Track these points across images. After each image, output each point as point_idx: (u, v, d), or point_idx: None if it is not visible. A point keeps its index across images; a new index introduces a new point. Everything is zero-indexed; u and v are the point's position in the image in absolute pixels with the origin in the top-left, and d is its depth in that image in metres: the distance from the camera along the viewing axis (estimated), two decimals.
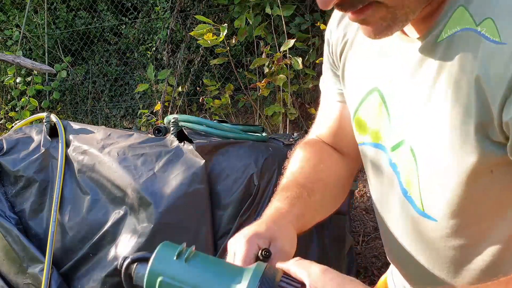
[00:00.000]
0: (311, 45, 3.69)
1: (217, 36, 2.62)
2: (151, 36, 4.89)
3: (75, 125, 1.91)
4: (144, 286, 0.54)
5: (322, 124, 0.99)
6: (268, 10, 3.42)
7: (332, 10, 0.73)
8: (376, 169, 0.81)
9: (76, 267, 1.69)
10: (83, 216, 1.70)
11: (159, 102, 3.76)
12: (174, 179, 1.58)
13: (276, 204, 0.79)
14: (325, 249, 1.82)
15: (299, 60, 2.79)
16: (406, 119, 0.72)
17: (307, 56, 3.57)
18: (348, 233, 2.09)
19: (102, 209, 1.69)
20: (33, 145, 1.89)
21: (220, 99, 3.46)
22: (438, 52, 0.67)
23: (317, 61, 3.20)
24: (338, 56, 0.87)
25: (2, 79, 4.75)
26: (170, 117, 1.80)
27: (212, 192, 1.59)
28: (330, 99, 0.95)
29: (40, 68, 3.74)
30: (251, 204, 1.57)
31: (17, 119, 3.99)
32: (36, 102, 4.20)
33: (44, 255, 1.68)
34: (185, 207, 1.56)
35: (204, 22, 2.65)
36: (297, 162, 0.91)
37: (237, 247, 0.67)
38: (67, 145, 1.83)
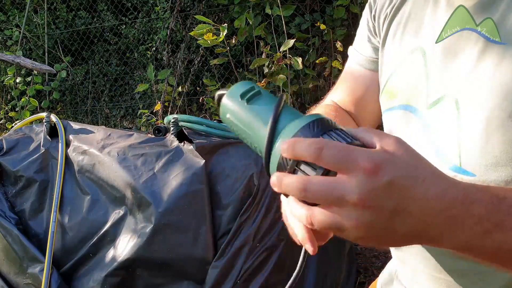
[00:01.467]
0: (311, 45, 3.69)
1: (217, 36, 2.62)
2: (151, 36, 4.90)
3: (75, 125, 1.91)
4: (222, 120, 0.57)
5: (344, 90, 0.94)
6: (268, 10, 3.42)
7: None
8: (401, 133, 0.77)
9: (76, 267, 1.69)
10: (83, 216, 1.70)
11: (159, 102, 3.76)
12: (174, 179, 1.58)
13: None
14: (325, 249, 1.82)
15: (299, 60, 2.79)
16: (450, 75, 0.70)
17: (307, 56, 3.57)
18: None
19: (102, 209, 1.69)
20: (33, 145, 1.89)
21: None
22: (496, 8, 0.66)
23: (317, 61, 3.21)
24: (382, 21, 0.84)
25: (2, 79, 4.75)
26: (170, 117, 1.80)
27: (212, 192, 1.59)
28: (358, 66, 0.91)
29: (40, 68, 3.74)
30: (251, 204, 1.57)
31: (17, 119, 3.99)
32: (36, 102, 4.20)
33: (44, 255, 1.68)
34: (185, 207, 1.56)
35: (204, 22, 2.65)
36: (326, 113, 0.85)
37: None
38: (67, 145, 1.83)
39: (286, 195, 0.50)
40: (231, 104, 0.55)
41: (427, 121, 0.72)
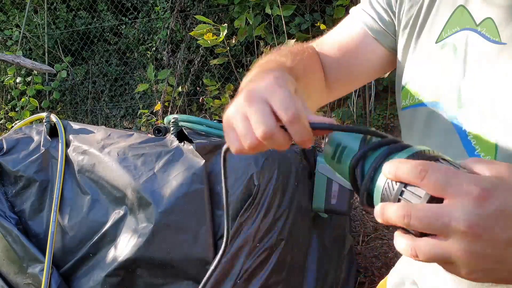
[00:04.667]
0: None
1: (217, 36, 2.62)
2: (151, 36, 4.90)
3: (75, 125, 1.91)
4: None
5: (333, 42, 0.86)
6: (268, 10, 3.42)
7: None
8: (428, 131, 0.73)
9: (76, 267, 1.69)
10: (83, 216, 1.70)
11: (159, 102, 3.76)
12: (174, 179, 1.58)
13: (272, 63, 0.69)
14: (325, 249, 1.82)
15: None
16: (488, 75, 0.65)
17: None
18: (348, 233, 2.09)
19: (102, 209, 1.69)
20: (33, 145, 1.89)
21: (220, 99, 3.46)
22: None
23: None
24: (411, 12, 0.77)
25: (2, 79, 4.75)
26: (170, 117, 1.80)
27: (212, 192, 1.59)
28: (361, 26, 0.82)
29: (40, 68, 3.74)
30: (251, 204, 1.57)
31: (17, 119, 3.99)
32: (36, 102, 4.20)
33: (44, 255, 1.68)
34: (185, 207, 1.56)
35: (204, 22, 2.65)
36: (292, 51, 0.79)
37: (272, 94, 0.54)
38: (67, 145, 1.83)
39: (390, 226, 0.47)
40: (328, 168, 0.57)
41: (460, 120, 0.68)
